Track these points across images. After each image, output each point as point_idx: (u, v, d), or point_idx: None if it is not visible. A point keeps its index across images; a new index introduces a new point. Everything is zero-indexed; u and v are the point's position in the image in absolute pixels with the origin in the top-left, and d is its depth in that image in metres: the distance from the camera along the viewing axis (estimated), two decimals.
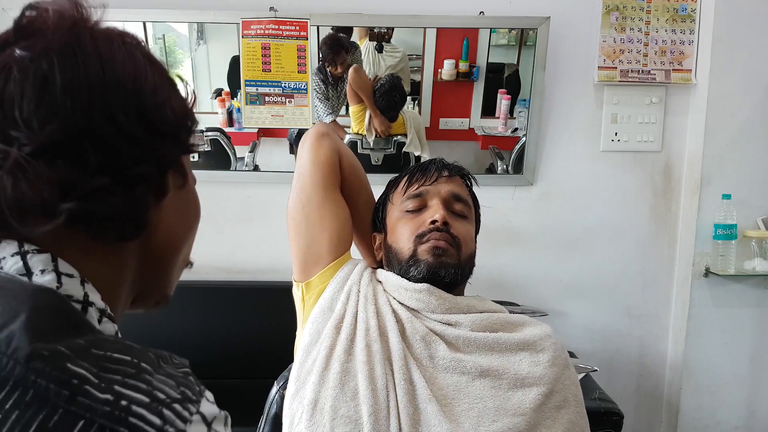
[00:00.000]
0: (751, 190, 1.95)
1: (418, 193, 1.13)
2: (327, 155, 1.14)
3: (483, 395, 0.96)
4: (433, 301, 1.04)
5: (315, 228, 1.11)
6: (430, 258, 1.04)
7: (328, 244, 1.11)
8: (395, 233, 1.12)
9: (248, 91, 1.88)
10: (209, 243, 2.01)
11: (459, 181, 1.17)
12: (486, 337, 1.01)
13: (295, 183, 1.16)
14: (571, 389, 1.01)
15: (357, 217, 1.19)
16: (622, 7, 1.90)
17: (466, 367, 0.98)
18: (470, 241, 1.12)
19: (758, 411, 2.09)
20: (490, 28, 1.94)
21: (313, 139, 1.15)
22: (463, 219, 1.12)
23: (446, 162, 1.18)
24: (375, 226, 1.21)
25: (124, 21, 1.89)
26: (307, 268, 1.12)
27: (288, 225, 1.15)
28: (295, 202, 1.14)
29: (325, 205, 1.12)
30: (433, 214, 1.08)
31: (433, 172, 1.15)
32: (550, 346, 1.02)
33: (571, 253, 2.04)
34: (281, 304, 1.25)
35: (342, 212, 1.15)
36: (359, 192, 1.21)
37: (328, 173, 1.13)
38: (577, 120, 1.98)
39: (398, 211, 1.14)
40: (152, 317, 2.19)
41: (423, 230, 1.07)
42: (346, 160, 1.18)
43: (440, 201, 1.10)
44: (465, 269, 1.10)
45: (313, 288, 1.10)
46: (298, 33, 1.84)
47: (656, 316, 2.10)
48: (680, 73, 1.94)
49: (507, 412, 0.94)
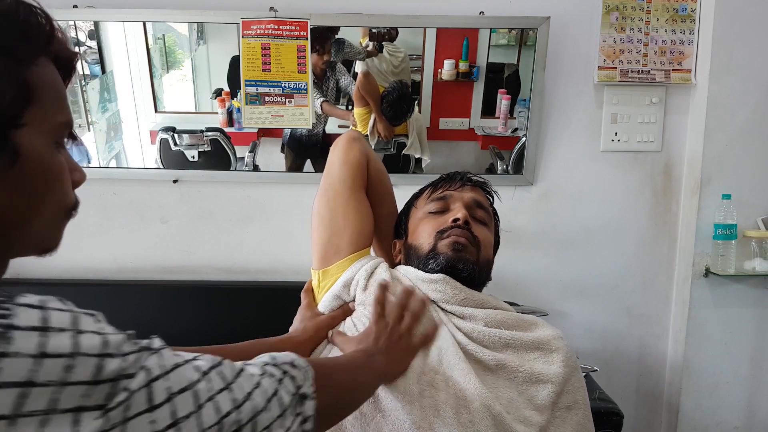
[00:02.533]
0: (751, 190, 1.95)
1: (442, 197, 1.17)
2: (357, 156, 1.18)
3: (498, 385, 0.98)
4: (449, 291, 1.05)
5: (338, 221, 1.15)
6: (449, 252, 1.07)
7: (349, 237, 1.14)
8: (416, 232, 1.15)
9: (248, 91, 1.88)
10: (209, 243, 2.02)
11: (481, 192, 1.22)
12: (501, 334, 1.03)
13: (323, 181, 1.20)
14: (580, 392, 1.03)
15: (378, 225, 1.22)
16: (622, 7, 1.90)
17: (484, 356, 1.00)
18: (489, 246, 1.16)
19: (758, 411, 2.09)
20: (490, 28, 1.94)
21: (345, 142, 1.20)
22: (484, 225, 1.16)
23: (471, 174, 1.25)
24: (397, 233, 1.24)
25: (124, 21, 1.90)
26: (327, 257, 1.15)
27: (312, 218, 1.19)
28: (321, 197, 1.19)
29: (350, 202, 1.16)
30: (456, 214, 1.11)
31: (457, 180, 1.21)
32: (562, 348, 1.04)
33: (571, 253, 2.04)
34: (281, 304, 1.26)
35: (365, 211, 1.18)
36: (383, 198, 1.25)
37: (357, 173, 1.18)
38: (577, 120, 1.98)
39: (421, 212, 1.18)
40: (152, 317, 2.19)
41: (445, 227, 1.11)
42: (373, 164, 1.22)
43: (463, 204, 1.14)
44: (482, 270, 1.12)
45: (330, 276, 1.13)
46: (298, 33, 1.84)
47: (656, 316, 2.10)
48: (680, 73, 1.94)
49: (522, 405, 0.96)
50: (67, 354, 0.49)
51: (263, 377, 0.68)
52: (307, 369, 0.75)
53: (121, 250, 2.01)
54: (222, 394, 0.60)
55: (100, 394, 0.50)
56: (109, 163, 2.01)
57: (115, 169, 2.01)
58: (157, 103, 2.03)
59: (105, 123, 2.00)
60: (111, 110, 2.02)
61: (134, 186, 1.99)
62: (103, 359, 0.51)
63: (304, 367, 0.75)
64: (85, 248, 1.99)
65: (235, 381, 0.63)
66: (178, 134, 1.99)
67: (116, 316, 2.10)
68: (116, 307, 1.96)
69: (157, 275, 2.02)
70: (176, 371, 0.57)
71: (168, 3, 1.83)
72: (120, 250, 2.01)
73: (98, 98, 1.98)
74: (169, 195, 1.99)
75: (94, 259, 2.00)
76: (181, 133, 1.99)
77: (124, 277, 2.01)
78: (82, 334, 0.51)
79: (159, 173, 1.99)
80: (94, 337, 0.51)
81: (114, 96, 2.02)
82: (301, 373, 0.73)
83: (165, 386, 0.55)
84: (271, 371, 0.70)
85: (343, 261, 1.13)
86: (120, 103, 2.02)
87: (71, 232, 0.64)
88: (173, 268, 2.02)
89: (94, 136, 1.98)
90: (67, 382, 0.48)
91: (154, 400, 0.54)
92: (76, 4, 1.83)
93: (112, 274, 2.01)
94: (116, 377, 0.51)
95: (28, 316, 0.48)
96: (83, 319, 0.52)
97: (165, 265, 2.02)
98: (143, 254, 2.01)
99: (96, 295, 1.96)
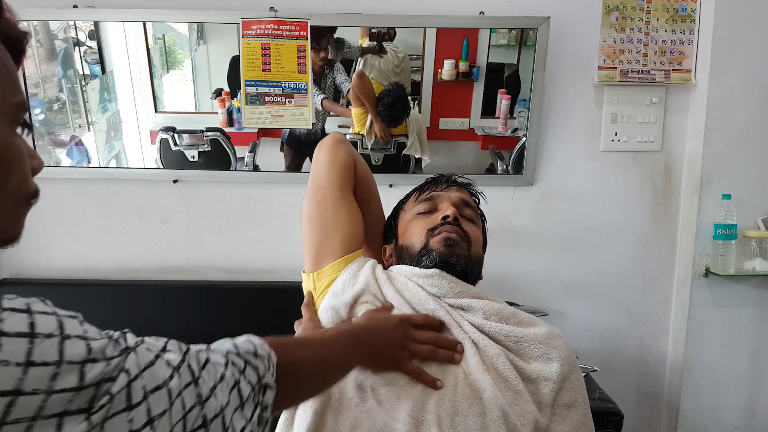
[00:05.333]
0: (751, 190, 1.95)
1: (429, 197, 1.18)
2: (344, 158, 1.18)
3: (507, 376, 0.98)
4: (445, 285, 1.06)
5: (329, 224, 1.15)
6: (442, 247, 1.08)
7: (341, 239, 1.14)
8: (407, 233, 1.16)
9: (248, 91, 1.88)
10: (209, 243, 2.02)
11: (467, 193, 1.23)
12: (502, 327, 1.03)
13: (310, 184, 1.19)
14: (579, 390, 1.03)
15: (366, 224, 1.22)
16: (622, 7, 1.90)
17: (492, 345, 1.00)
18: (479, 243, 1.16)
19: (758, 411, 2.09)
20: (490, 28, 1.94)
21: (331, 144, 1.20)
22: (472, 223, 1.17)
23: (456, 176, 1.25)
24: (386, 239, 1.24)
25: (124, 21, 1.90)
26: (319, 260, 1.15)
27: (302, 222, 1.18)
28: (310, 200, 1.18)
29: (341, 204, 1.16)
30: (445, 211, 1.12)
31: (443, 182, 1.22)
32: (561, 345, 1.04)
33: (571, 253, 2.04)
34: (281, 304, 1.26)
35: (355, 212, 1.18)
36: (370, 200, 1.25)
37: (344, 174, 1.17)
38: (577, 120, 1.98)
39: (410, 214, 1.18)
40: (152, 317, 2.18)
41: (435, 224, 1.11)
42: (360, 166, 1.22)
43: (451, 203, 1.15)
44: (474, 266, 1.12)
45: (325, 277, 1.13)
46: (298, 33, 1.84)
47: (656, 316, 2.10)
48: (680, 73, 1.94)
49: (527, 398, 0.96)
50: (53, 362, 0.48)
51: (227, 368, 0.68)
52: (270, 357, 0.75)
53: (121, 250, 2.01)
54: (188, 389, 0.60)
55: (84, 399, 0.50)
56: (109, 163, 2.01)
57: (115, 169, 2.01)
58: (157, 103, 2.03)
59: (105, 123, 2.00)
60: (111, 110, 2.02)
61: (134, 186, 1.99)
62: (87, 365, 0.51)
63: (266, 355, 0.75)
64: (85, 248, 1.99)
65: (201, 375, 0.63)
66: (178, 134, 1.99)
67: (116, 316, 2.11)
68: (116, 307, 1.96)
69: (157, 275, 2.02)
70: (150, 369, 0.57)
71: (168, 3, 1.84)
72: (120, 250, 2.01)
73: (98, 98, 1.98)
74: (169, 195, 1.99)
75: (94, 259, 2.00)
76: (181, 133, 1.99)
77: (124, 277, 2.01)
78: (67, 340, 0.50)
79: (159, 173, 1.99)
80: (79, 344, 0.51)
81: (114, 96, 2.02)
82: (263, 362, 0.73)
83: (141, 385, 0.55)
84: (233, 360, 0.70)
85: (337, 262, 1.13)
86: (120, 103, 2.02)
87: (71, 232, 0.64)
88: (173, 268, 2.02)
89: (94, 136, 1.99)
90: (54, 390, 0.48)
91: (132, 399, 0.54)
92: (76, 4, 1.83)
93: (112, 274, 2.01)
94: (99, 381, 0.51)
95: (15, 321, 0.48)
96: (68, 322, 0.52)
97: (165, 265, 2.02)
98: (143, 254, 2.01)
99: (96, 295, 1.96)
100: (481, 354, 0.99)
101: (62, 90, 1.95)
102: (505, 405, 0.92)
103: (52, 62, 1.94)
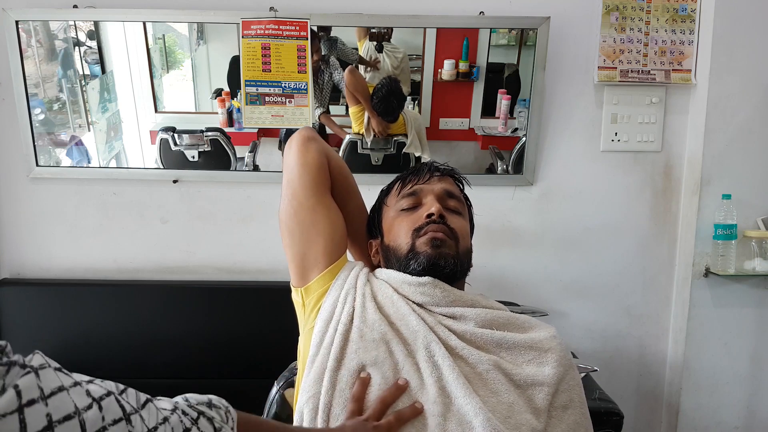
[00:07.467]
0: (751, 190, 1.95)
1: (412, 192, 1.14)
2: (315, 158, 1.12)
3: (498, 389, 0.96)
4: (438, 294, 1.04)
5: (309, 233, 1.10)
6: (429, 249, 1.05)
7: (323, 248, 1.10)
8: (392, 232, 1.13)
9: (248, 91, 1.88)
10: (209, 243, 2.02)
11: (451, 180, 1.19)
12: (493, 335, 1.01)
13: (284, 190, 1.14)
14: (575, 390, 1.02)
15: (349, 222, 1.18)
16: (622, 7, 1.90)
17: (480, 357, 0.98)
18: (466, 236, 1.13)
19: (758, 411, 2.09)
20: (490, 28, 1.94)
21: (299, 144, 1.13)
22: (458, 215, 1.14)
23: (438, 164, 1.20)
24: (371, 233, 1.21)
25: (124, 21, 1.90)
26: (305, 273, 1.11)
27: (281, 232, 1.14)
28: (286, 208, 1.12)
29: (318, 209, 1.11)
30: (429, 208, 1.09)
31: (425, 173, 1.17)
32: (556, 347, 1.03)
33: (571, 253, 2.04)
34: (281, 304, 1.25)
35: (335, 216, 1.14)
36: (349, 196, 1.21)
37: (318, 176, 1.11)
38: (577, 120, 1.98)
39: (394, 211, 1.15)
40: (152, 317, 2.19)
41: (420, 224, 1.08)
42: (334, 163, 1.16)
43: (435, 197, 1.12)
44: (463, 262, 1.10)
45: (313, 291, 1.10)
46: (298, 33, 1.84)
47: (656, 316, 2.10)
48: (680, 73, 1.94)
49: (522, 408, 0.95)
50: None
51: (173, 413, 0.62)
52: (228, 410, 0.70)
53: (121, 250, 2.01)
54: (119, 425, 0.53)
55: None
56: (109, 163, 2.01)
57: (115, 169, 2.01)
58: (157, 103, 2.03)
59: (105, 123, 2.00)
60: (111, 110, 2.02)
61: (134, 186, 1.99)
62: None
63: (224, 407, 0.70)
64: (85, 248, 1.99)
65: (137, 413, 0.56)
66: (178, 134, 1.99)
67: (116, 316, 2.11)
68: (116, 308, 1.96)
69: (157, 275, 2.02)
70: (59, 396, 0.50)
71: (168, 3, 1.84)
72: (120, 250, 2.01)
73: (98, 98, 1.98)
74: (169, 195, 1.99)
75: (94, 259, 2.00)
76: (181, 133, 1.99)
77: (124, 277, 2.01)
78: None
79: (159, 173, 1.99)
80: None
81: (114, 96, 2.02)
82: (219, 414, 0.69)
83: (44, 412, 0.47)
84: (183, 408, 0.65)
85: (323, 275, 1.09)
86: (120, 103, 2.03)
87: (71, 232, 0.63)
88: (173, 268, 2.02)
89: (94, 136, 1.99)
90: None
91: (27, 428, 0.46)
92: (76, 4, 1.83)
93: (112, 274, 2.01)
94: None
95: None
96: None
97: (165, 265, 2.02)
98: (143, 254, 2.02)
99: (96, 295, 1.96)
100: (467, 372, 0.97)
101: (62, 90, 1.95)
102: (498, 424, 0.90)
103: (52, 62, 1.94)
